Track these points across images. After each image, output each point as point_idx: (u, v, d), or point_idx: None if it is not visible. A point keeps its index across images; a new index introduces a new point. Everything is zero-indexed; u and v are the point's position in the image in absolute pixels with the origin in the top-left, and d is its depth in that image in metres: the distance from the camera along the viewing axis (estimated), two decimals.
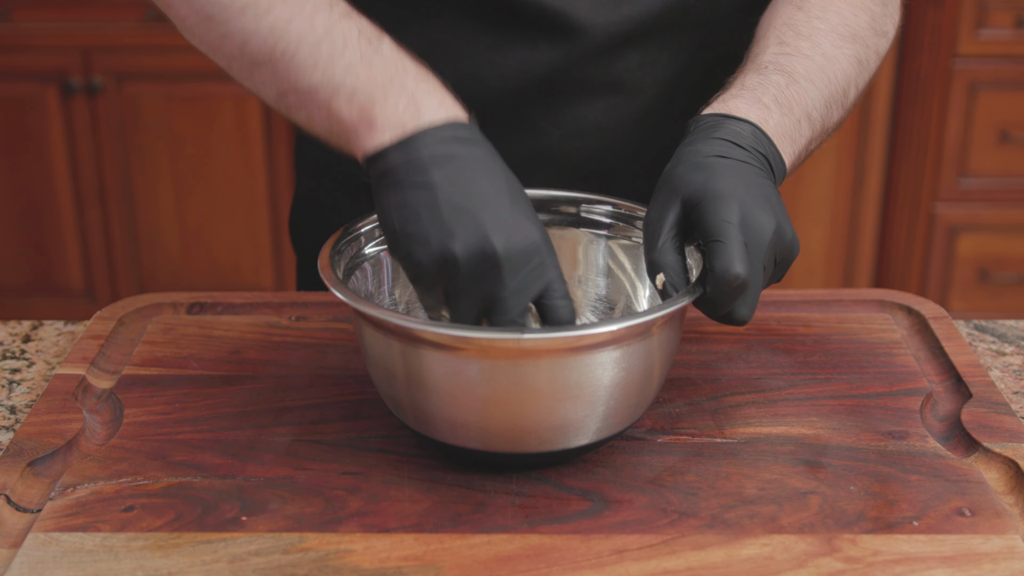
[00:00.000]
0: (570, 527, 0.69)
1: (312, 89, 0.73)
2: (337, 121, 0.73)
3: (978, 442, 0.76)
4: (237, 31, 0.75)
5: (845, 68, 0.87)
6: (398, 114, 0.71)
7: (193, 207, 2.40)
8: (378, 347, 0.72)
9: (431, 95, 0.72)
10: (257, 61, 0.75)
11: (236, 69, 0.78)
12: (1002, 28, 2.25)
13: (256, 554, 0.67)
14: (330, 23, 0.74)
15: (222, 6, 0.75)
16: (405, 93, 0.72)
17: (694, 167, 0.74)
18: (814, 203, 2.42)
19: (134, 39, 2.28)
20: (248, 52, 0.75)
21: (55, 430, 0.78)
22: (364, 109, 0.72)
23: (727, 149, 0.76)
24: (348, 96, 0.72)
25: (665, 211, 0.74)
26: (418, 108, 0.71)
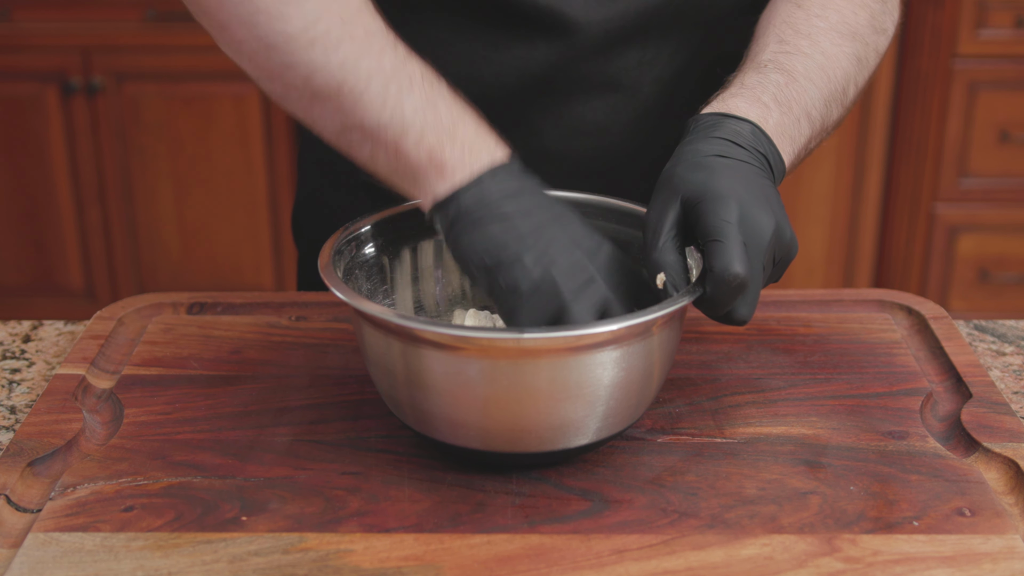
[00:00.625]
0: (570, 527, 0.69)
1: (380, 127, 0.74)
2: (404, 161, 0.74)
3: (978, 442, 0.76)
4: (303, 63, 0.75)
5: (844, 66, 0.87)
6: (464, 157, 0.74)
7: (193, 207, 2.40)
8: (378, 347, 0.72)
9: (489, 138, 0.75)
10: (321, 95, 0.76)
11: (294, 99, 0.78)
12: (1002, 28, 2.25)
13: (256, 554, 0.67)
14: (396, 63, 0.75)
15: (288, 36, 0.75)
16: (468, 136, 0.74)
17: (693, 166, 0.74)
18: (814, 203, 2.42)
19: (134, 39, 2.28)
20: (313, 85, 0.75)
21: (55, 430, 0.78)
22: (433, 151, 0.74)
23: (727, 148, 0.76)
24: (417, 137, 0.74)
25: (665, 211, 0.74)
26: (479, 152, 0.74)
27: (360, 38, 0.75)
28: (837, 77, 0.86)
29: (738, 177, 0.74)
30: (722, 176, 0.74)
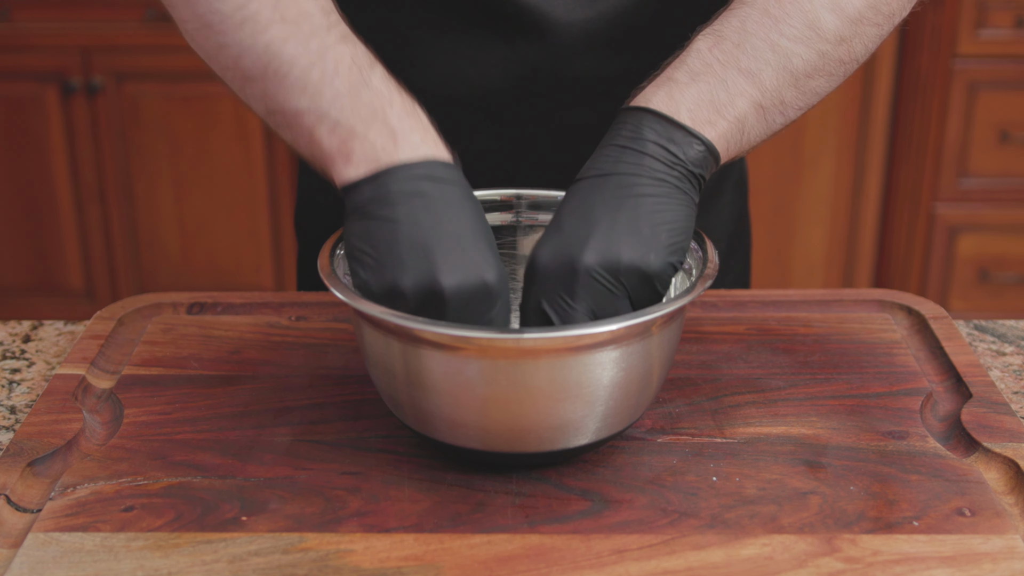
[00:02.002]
0: (570, 527, 0.69)
1: (298, 113, 0.74)
2: (318, 148, 0.74)
3: (978, 442, 0.76)
4: (234, 43, 0.75)
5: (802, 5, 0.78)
6: (375, 149, 0.72)
7: (193, 207, 2.40)
8: (378, 347, 0.72)
9: (413, 131, 0.73)
10: (250, 76, 0.76)
11: (229, 79, 0.78)
12: (1002, 28, 2.25)
13: (256, 554, 0.67)
14: (324, 47, 0.74)
15: (222, 16, 0.75)
16: (386, 128, 0.72)
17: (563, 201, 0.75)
18: (814, 203, 2.42)
19: (134, 39, 2.28)
20: (242, 66, 0.76)
21: (55, 430, 0.78)
22: (344, 141, 0.72)
23: (597, 161, 0.74)
24: (331, 126, 0.73)
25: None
26: (396, 144, 0.72)
27: (291, 19, 0.74)
28: (791, 15, 0.77)
29: (582, 201, 0.72)
30: (562, 210, 0.73)
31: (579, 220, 0.72)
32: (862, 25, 0.78)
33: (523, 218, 0.86)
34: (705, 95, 0.74)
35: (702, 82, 0.74)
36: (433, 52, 0.93)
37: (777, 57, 0.76)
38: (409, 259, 0.70)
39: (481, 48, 0.92)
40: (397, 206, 0.71)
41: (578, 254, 0.71)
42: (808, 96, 0.78)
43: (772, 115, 0.77)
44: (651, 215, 0.71)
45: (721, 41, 0.76)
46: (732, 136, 0.75)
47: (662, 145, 0.73)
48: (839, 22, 0.77)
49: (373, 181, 0.72)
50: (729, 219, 1.08)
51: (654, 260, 0.71)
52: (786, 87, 0.76)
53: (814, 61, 0.77)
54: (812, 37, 0.76)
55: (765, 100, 0.76)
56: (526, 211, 0.86)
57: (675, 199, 0.72)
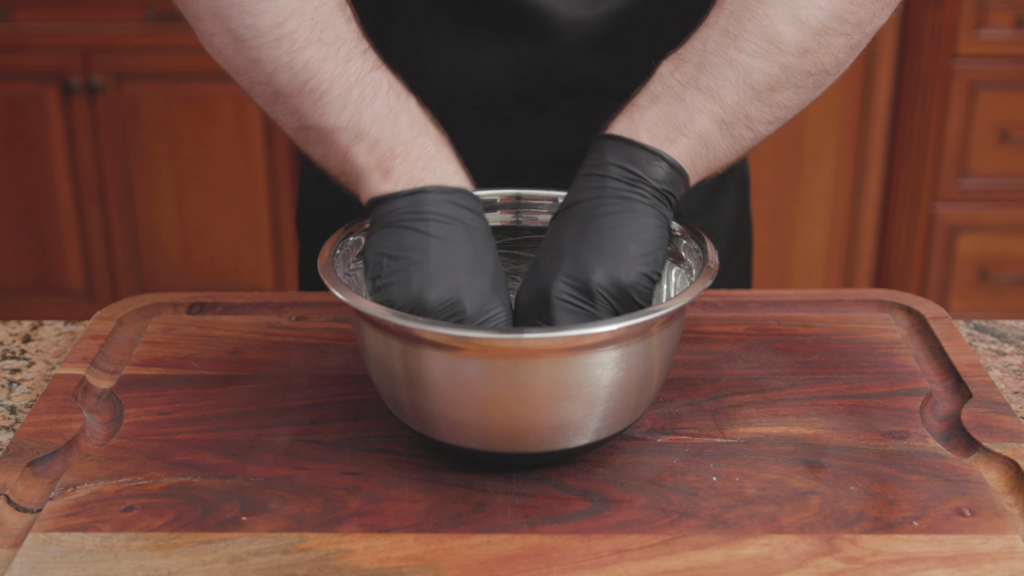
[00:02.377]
0: (570, 527, 0.69)
1: (335, 131, 0.75)
2: (352, 165, 0.75)
3: (978, 442, 0.76)
4: (269, 60, 0.76)
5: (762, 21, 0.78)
6: (415, 171, 0.74)
7: (193, 207, 2.40)
8: (378, 347, 0.72)
9: (448, 162, 0.75)
10: (283, 93, 0.76)
11: (258, 94, 0.78)
12: (1002, 28, 2.25)
13: (256, 554, 0.67)
14: (363, 71, 0.75)
15: (257, 32, 0.75)
16: (425, 154, 0.74)
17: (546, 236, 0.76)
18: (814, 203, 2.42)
19: (134, 39, 2.28)
20: (275, 83, 0.76)
21: (55, 430, 0.78)
22: (384, 159, 0.74)
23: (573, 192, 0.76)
24: (370, 144, 0.74)
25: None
26: (434, 170, 0.74)
27: (329, 41, 0.75)
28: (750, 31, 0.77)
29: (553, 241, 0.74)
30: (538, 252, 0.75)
31: (551, 253, 0.74)
32: (827, 36, 0.78)
33: (523, 218, 0.86)
34: (664, 115, 0.75)
35: (661, 103, 0.76)
36: (435, 53, 0.93)
37: (736, 72, 0.76)
38: (438, 275, 0.72)
39: (483, 48, 0.92)
40: (431, 223, 0.73)
41: (548, 285, 0.73)
42: (776, 109, 0.78)
43: (738, 129, 0.77)
44: (614, 231, 0.73)
45: (682, 64, 0.77)
46: (696, 153, 0.76)
47: (622, 166, 0.74)
48: (800, 34, 0.77)
49: (410, 197, 0.73)
50: (731, 218, 1.08)
51: (624, 273, 0.72)
52: (749, 101, 0.76)
53: (776, 74, 0.77)
54: (772, 50, 0.76)
55: (727, 115, 0.76)
56: (526, 211, 0.86)
57: (638, 212, 0.73)
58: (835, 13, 0.77)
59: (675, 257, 0.80)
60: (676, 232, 0.81)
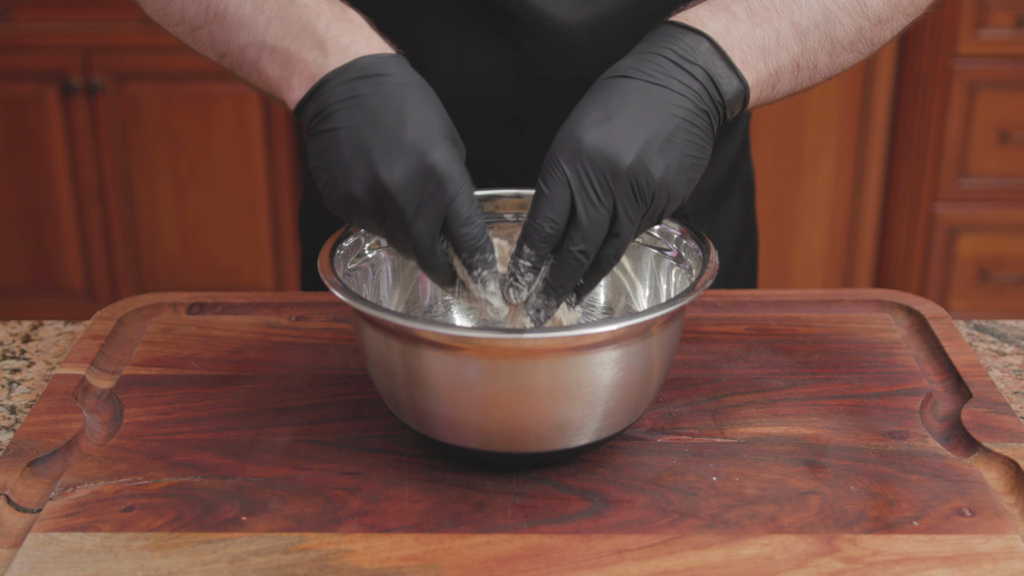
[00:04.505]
0: (570, 527, 0.69)
1: (242, 48, 0.75)
2: (266, 79, 0.74)
3: (978, 442, 0.76)
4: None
5: None
6: (308, 66, 0.72)
7: (193, 207, 2.40)
8: (378, 347, 0.72)
9: (342, 36, 0.72)
10: (196, 25, 0.77)
11: (182, 34, 0.79)
12: (1002, 28, 2.25)
13: (256, 554, 0.67)
14: None
15: None
16: (315, 40, 0.72)
17: (591, 91, 0.72)
18: (814, 203, 2.42)
19: (134, 39, 2.28)
20: (188, 17, 0.77)
21: (55, 430, 0.78)
22: (283, 66, 0.73)
23: (645, 64, 0.72)
24: (270, 53, 0.73)
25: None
26: (327, 54, 0.72)
27: None
28: None
29: (622, 99, 0.70)
30: (596, 103, 0.70)
31: (631, 121, 0.70)
32: (898, 12, 0.80)
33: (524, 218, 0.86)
34: (758, 39, 0.74)
35: (758, 25, 0.75)
36: (438, 54, 0.93)
37: (825, 21, 0.77)
38: (353, 163, 0.69)
39: (485, 49, 0.92)
40: (335, 114, 0.70)
41: (626, 154, 0.68)
42: (836, 67, 0.79)
43: (803, 75, 0.78)
44: (688, 145, 0.71)
45: None
46: (766, 85, 0.76)
47: (712, 78, 0.73)
48: (882, 3, 0.79)
49: (312, 98, 0.71)
50: (737, 221, 1.08)
51: (680, 190, 0.71)
52: (823, 52, 0.77)
53: (853, 34, 0.78)
54: (858, 11, 0.78)
55: (803, 60, 0.77)
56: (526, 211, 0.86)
57: (708, 136, 0.73)
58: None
59: (675, 257, 0.80)
60: (676, 232, 0.81)
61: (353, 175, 0.69)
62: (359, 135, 0.69)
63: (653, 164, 0.69)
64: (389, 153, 0.68)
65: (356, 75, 0.71)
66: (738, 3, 0.76)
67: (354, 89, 0.70)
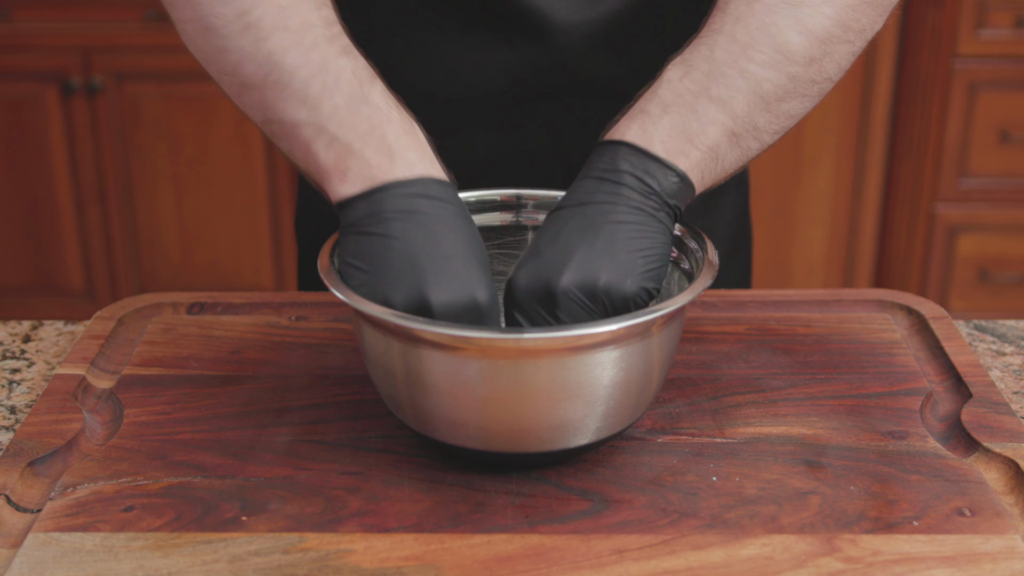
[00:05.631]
0: (570, 527, 0.69)
1: (296, 124, 0.73)
2: (314, 162, 0.74)
3: (978, 442, 0.76)
4: (235, 49, 0.75)
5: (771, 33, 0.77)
6: (370, 167, 0.72)
7: (193, 207, 2.40)
8: (378, 347, 0.72)
9: (409, 150, 0.73)
10: (249, 84, 0.75)
11: (226, 85, 0.77)
12: (1002, 28, 2.25)
13: (256, 554, 0.67)
14: (325, 59, 0.74)
15: (225, 20, 0.74)
16: (383, 145, 0.72)
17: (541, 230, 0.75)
18: (814, 203, 2.42)
19: (134, 39, 2.28)
20: (241, 73, 0.75)
21: (55, 430, 0.78)
22: (341, 158, 0.72)
23: (575, 192, 0.75)
24: (328, 141, 0.73)
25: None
26: (392, 161, 0.72)
27: (294, 29, 0.74)
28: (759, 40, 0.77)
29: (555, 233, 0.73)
30: (529, 250, 0.74)
31: (557, 245, 0.73)
32: (832, 44, 0.78)
33: (523, 218, 0.86)
34: (677, 126, 0.74)
35: (674, 113, 0.75)
36: (435, 54, 0.93)
37: (747, 83, 0.75)
38: (401, 275, 0.70)
39: (483, 50, 0.92)
40: (390, 223, 0.71)
41: (557, 276, 0.71)
42: (782, 119, 0.78)
43: (746, 141, 0.77)
44: (627, 241, 0.72)
45: (691, 71, 0.76)
46: (706, 165, 0.75)
47: (637, 176, 0.73)
48: (807, 43, 0.77)
49: (367, 198, 0.72)
50: (731, 219, 1.08)
51: (630, 285, 0.72)
52: (758, 112, 0.76)
53: (785, 84, 0.77)
54: (781, 61, 0.76)
55: (737, 127, 0.76)
56: (526, 211, 0.86)
57: (651, 227, 0.73)
58: (839, 21, 0.77)
59: (675, 258, 0.80)
60: (676, 232, 0.81)
61: (400, 288, 0.70)
62: (414, 252, 0.70)
63: (592, 273, 0.71)
64: (440, 280, 0.70)
65: (418, 192, 0.72)
66: (651, 102, 0.76)
67: (414, 205, 0.71)
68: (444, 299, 0.70)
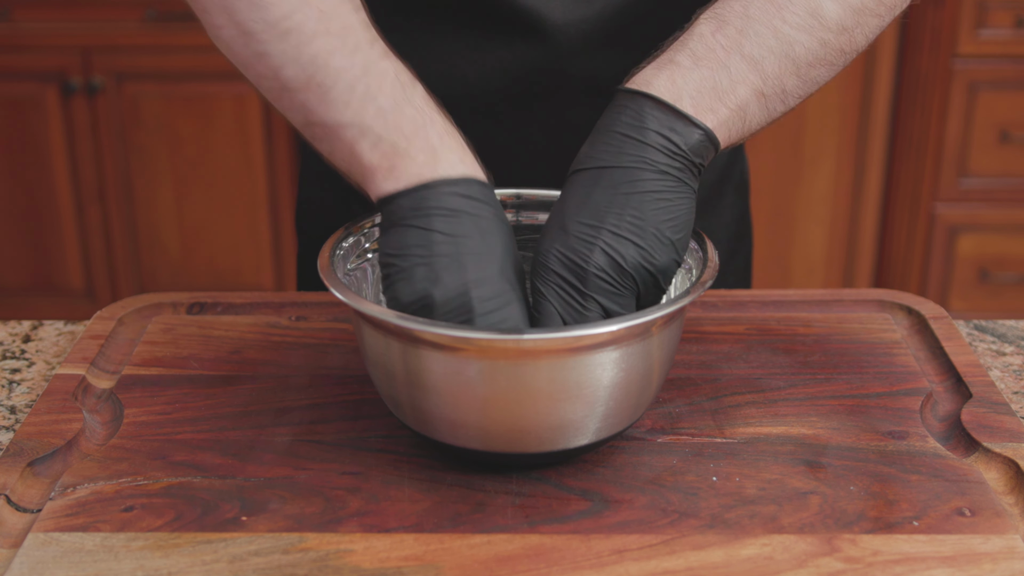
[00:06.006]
0: (570, 527, 0.69)
1: (340, 126, 0.74)
2: (358, 162, 0.74)
3: (978, 442, 0.76)
4: (276, 53, 0.75)
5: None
6: (417, 165, 0.72)
7: (193, 207, 2.40)
8: (378, 347, 0.72)
9: (452, 151, 0.74)
10: (290, 88, 0.75)
11: (266, 89, 0.77)
12: (1002, 28, 2.25)
13: (256, 554, 0.67)
14: (368, 62, 0.74)
15: (266, 24, 0.74)
16: (428, 147, 0.73)
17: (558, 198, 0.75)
18: (814, 203, 2.42)
19: (134, 39, 2.28)
20: (283, 77, 0.75)
21: (55, 430, 0.78)
22: (386, 156, 0.73)
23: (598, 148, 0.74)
24: (374, 141, 0.73)
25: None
26: (437, 161, 0.73)
27: (336, 33, 0.74)
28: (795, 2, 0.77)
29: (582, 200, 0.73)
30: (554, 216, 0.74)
31: (585, 219, 0.72)
32: (864, 15, 0.78)
33: (523, 217, 0.86)
34: (708, 81, 0.74)
35: (704, 67, 0.74)
36: (432, 53, 0.93)
37: (780, 44, 0.75)
38: (443, 271, 0.71)
39: (479, 48, 0.92)
40: (435, 218, 0.71)
41: (587, 256, 0.72)
42: (809, 85, 0.78)
43: (773, 103, 0.77)
44: (656, 213, 0.72)
45: (724, 26, 0.75)
46: (733, 124, 0.75)
47: (664, 135, 0.73)
48: (842, 11, 0.77)
49: (412, 194, 0.72)
50: (731, 221, 1.08)
51: (660, 259, 0.72)
52: (788, 75, 0.76)
53: (816, 50, 0.77)
54: (815, 25, 0.76)
55: (767, 88, 0.75)
56: (527, 212, 0.86)
57: (677, 193, 0.73)
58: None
59: None
60: None
61: (440, 282, 0.70)
62: (457, 249, 0.71)
63: (621, 252, 0.71)
64: (481, 279, 0.71)
65: (462, 191, 0.72)
66: (681, 51, 0.75)
67: (458, 204, 0.72)
68: (483, 299, 0.70)
